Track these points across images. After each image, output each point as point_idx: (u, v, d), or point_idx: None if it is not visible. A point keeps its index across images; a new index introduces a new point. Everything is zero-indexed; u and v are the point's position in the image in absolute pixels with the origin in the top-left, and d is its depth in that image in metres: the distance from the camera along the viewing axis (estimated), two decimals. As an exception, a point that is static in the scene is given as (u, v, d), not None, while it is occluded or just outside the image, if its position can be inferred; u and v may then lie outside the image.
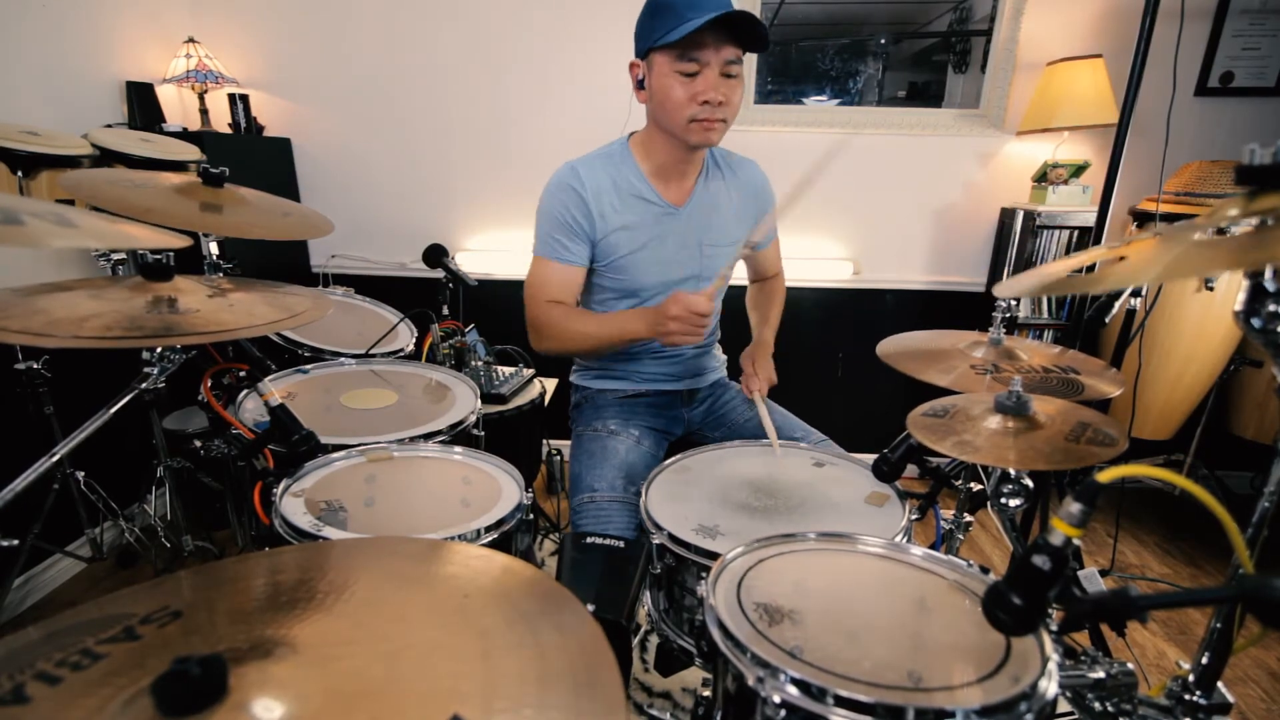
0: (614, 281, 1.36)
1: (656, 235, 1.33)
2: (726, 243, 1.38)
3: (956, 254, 2.60)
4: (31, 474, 0.92)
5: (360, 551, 0.64)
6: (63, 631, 0.49)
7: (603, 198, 1.29)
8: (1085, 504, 0.51)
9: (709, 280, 1.36)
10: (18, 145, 1.49)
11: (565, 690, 0.45)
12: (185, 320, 0.85)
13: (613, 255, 1.33)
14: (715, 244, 1.37)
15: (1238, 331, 2.00)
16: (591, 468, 1.26)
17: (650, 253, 1.33)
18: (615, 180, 1.30)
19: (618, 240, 1.31)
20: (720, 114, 1.19)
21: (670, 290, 1.26)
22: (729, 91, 1.19)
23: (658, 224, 1.33)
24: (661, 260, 1.34)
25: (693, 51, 1.15)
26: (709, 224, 1.36)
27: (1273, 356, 0.58)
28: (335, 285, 2.59)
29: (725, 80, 1.18)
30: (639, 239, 1.32)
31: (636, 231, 1.32)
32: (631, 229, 1.31)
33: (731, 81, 1.19)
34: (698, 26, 1.10)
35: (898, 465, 0.96)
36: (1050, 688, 0.58)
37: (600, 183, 1.29)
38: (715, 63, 1.16)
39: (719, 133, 1.23)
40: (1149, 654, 1.79)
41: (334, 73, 2.49)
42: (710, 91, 1.16)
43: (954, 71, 2.62)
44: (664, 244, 1.34)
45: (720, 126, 1.22)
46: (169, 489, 1.92)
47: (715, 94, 1.17)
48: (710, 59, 1.16)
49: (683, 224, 1.34)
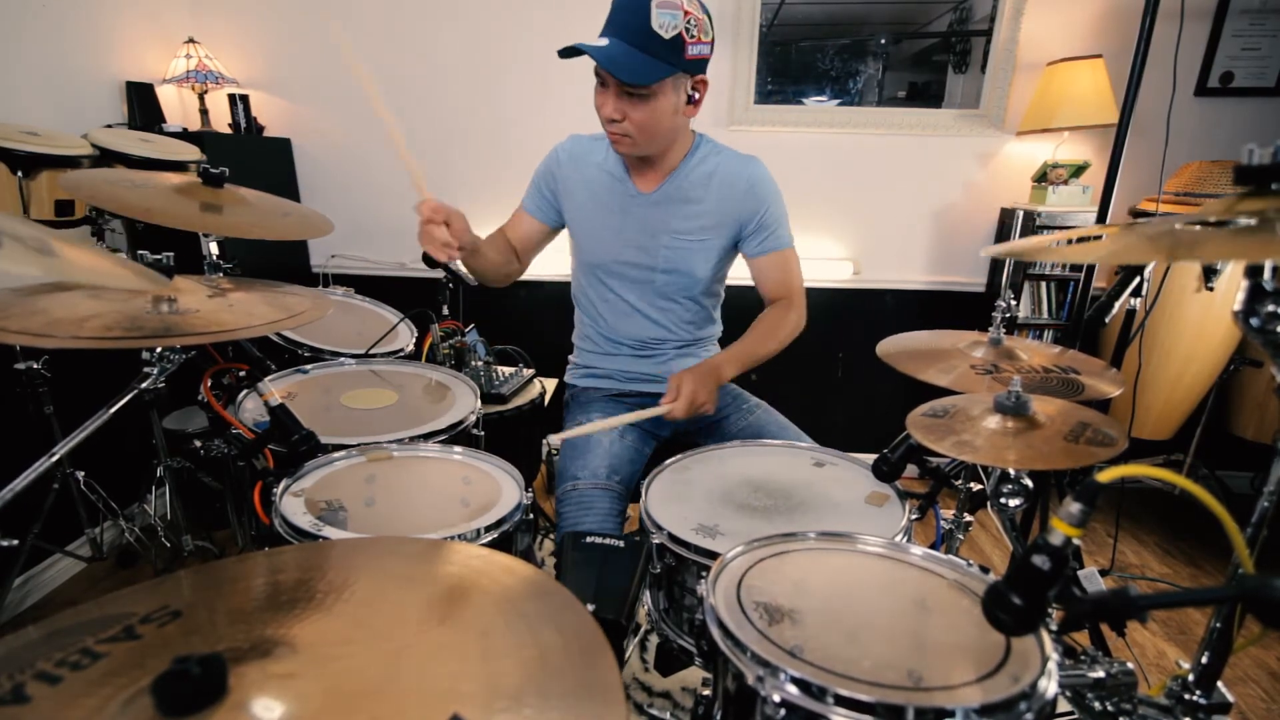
0: (578, 249, 1.46)
1: (619, 214, 1.37)
2: (692, 239, 1.37)
3: (956, 254, 2.60)
4: (31, 474, 0.92)
5: (360, 551, 0.64)
6: (63, 631, 0.49)
7: (578, 167, 1.38)
8: (1085, 504, 0.51)
9: (664, 271, 1.39)
10: (18, 145, 1.49)
11: (565, 690, 0.45)
12: (185, 320, 0.85)
13: (574, 223, 1.43)
14: (682, 234, 1.37)
15: (1238, 331, 2.00)
16: (574, 459, 1.27)
17: (609, 230, 1.38)
18: (598, 157, 1.38)
19: (580, 208, 1.40)
20: (619, 129, 1.22)
21: (626, 269, 1.39)
22: (632, 109, 1.19)
23: (622, 204, 1.37)
24: (621, 240, 1.38)
25: (596, 66, 1.17)
26: (677, 214, 1.36)
27: (1272, 356, 0.58)
28: (335, 285, 2.59)
29: (626, 99, 1.19)
30: (600, 213, 1.38)
31: (599, 205, 1.38)
32: (595, 202, 1.38)
33: (635, 100, 1.18)
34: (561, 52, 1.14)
35: (898, 465, 0.96)
36: (1050, 687, 0.58)
37: (581, 152, 1.39)
38: (611, 82, 1.18)
39: (625, 146, 1.26)
40: (1149, 654, 1.79)
41: (334, 73, 2.49)
42: (605, 108, 1.20)
43: (954, 71, 2.62)
44: (625, 224, 1.37)
45: (625, 141, 1.24)
46: (169, 489, 1.92)
47: (609, 111, 1.20)
48: (606, 78, 1.18)
49: (647, 210, 1.36)
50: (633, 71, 1.14)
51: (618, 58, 1.13)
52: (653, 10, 1.11)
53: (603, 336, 1.47)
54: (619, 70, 1.13)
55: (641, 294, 1.42)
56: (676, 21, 1.13)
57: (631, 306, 1.43)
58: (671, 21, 1.13)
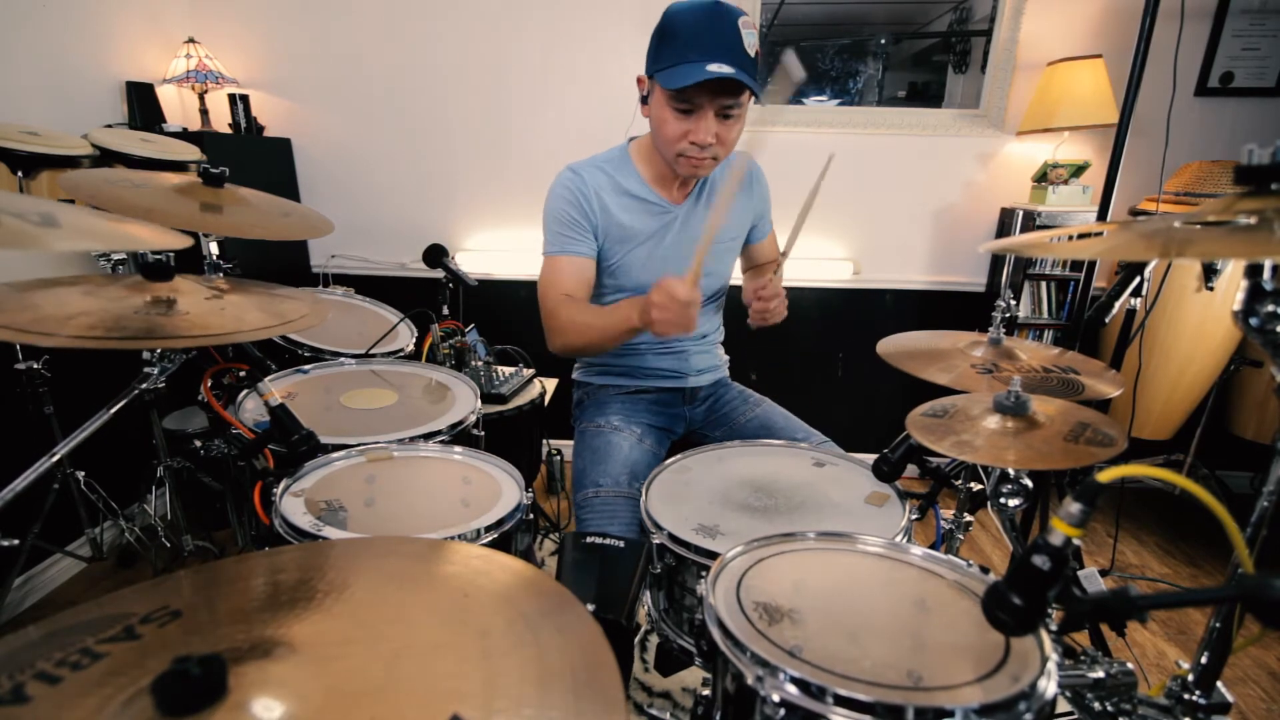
0: (617, 282, 1.37)
1: (654, 234, 1.34)
2: (726, 239, 1.39)
3: (956, 254, 2.60)
4: (31, 474, 0.92)
5: (360, 551, 0.64)
6: (63, 631, 0.49)
7: (603, 196, 1.31)
8: (1085, 504, 0.51)
9: (705, 275, 1.36)
10: (18, 145, 1.49)
11: (565, 690, 0.45)
12: (170, 323, 0.84)
13: (613, 256, 1.34)
14: (715, 241, 1.36)
15: (1238, 332, 2.00)
16: (596, 463, 1.26)
17: (647, 251, 1.35)
18: (614, 182, 1.32)
19: (617, 238, 1.33)
20: (710, 153, 1.21)
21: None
22: (724, 131, 1.19)
23: (655, 222, 1.34)
24: (660, 258, 1.35)
25: (688, 93, 1.14)
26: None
27: (1271, 356, 0.58)
28: (335, 285, 2.59)
29: (722, 121, 1.18)
30: (637, 238, 1.33)
31: (634, 231, 1.33)
32: (629, 229, 1.33)
33: (729, 121, 1.19)
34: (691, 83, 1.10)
35: (898, 465, 0.96)
36: (1050, 687, 0.58)
37: (599, 182, 1.31)
38: (710, 106, 1.16)
39: (707, 169, 1.25)
40: (1149, 654, 1.79)
41: (334, 73, 2.49)
42: (702, 135, 1.17)
43: (954, 72, 2.62)
44: (661, 242, 1.35)
45: (709, 164, 1.23)
46: (169, 489, 1.92)
47: (706, 137, 1.17)
48: (705, 103, 1.16)
49: (680, 222, 1.35)
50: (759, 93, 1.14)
51: (750, 84, 1.12)
52: (742, 32, 1.12)
53: None
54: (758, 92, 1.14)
55: None
56: (755, 40, 1.15)
57: None
58: (752, 40, 1.14)
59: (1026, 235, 0.84)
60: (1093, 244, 0.65)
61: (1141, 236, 0.59)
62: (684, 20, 1.14)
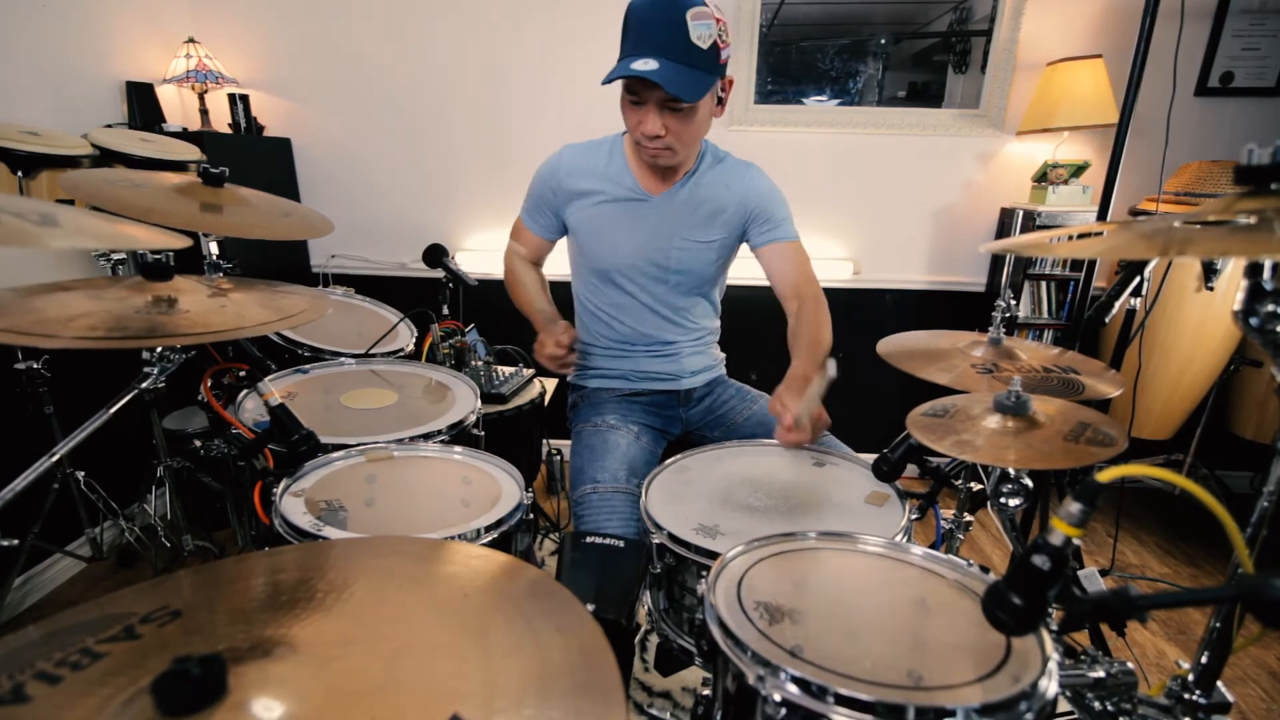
0: (586, 255, 1.43)
1: (628, 219, 1.36)
2: (702, 240, 1.38)
3: (956, 254, 2.60)
4: (31, 474, 0.92)
5: (360, 551, 0.64)
6: (63, 631, 0.49)
7: (579, 177, 1.36)
8: (1085, 504, 0.51)
9: (676, 272, 1.39)
10: (18, 145, 1.49)
11: (565, 690, 0.45)
12: (171, 321, 0.84)
13: (582, 230, 1.40)
14: (689, 238, 1.37)
15: (1238, 331, 2.00)
16: (593, 460, 1.26)
17: (619, 235, 1.37)
18: (600, 164, 1.36)
19: (588, 216, 1.37)
20: (664, 144, 1.20)
21: (638, 274, 1.39)
22: (675, 123, 1.18)
23: (630, 209, 1.36)
24: (631, 245, 1.37)
25: (632, 85, 1.15)
26: (686, 219, 1.36)
27: (1271, 356, 0.58)
28: (335, 285, 2.59)
29: (670, 113, 1.17)
30: (610, 221, 1.37)
31: (609, 213, 1.36)
32: (603, 209, 1.36)
33: (678, 114, 1.18)
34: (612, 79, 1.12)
35: (898, 465, 0.96)
36: (1050, 687, 0.58)
37: (580, 163, 1.36)
38: (653, 99, 1.16)
39: (666, 159, 1.25)
40: (1149, 654, 1.79)
41: (334, 73, 2.49)
42: (648, 127, 1.18)
43: (954, 71, 2.62)
44: (635, 230, 1.36)
45: (666, 154, 1.23)
46: (169, 489, 1.92)
47: (653, 129, 1.17)
48: (647, 97, 1.16)
49: (657, 214, 1.36)
50: (689, 89, 1.12)
51: (673, 78, 1.11)
52: (689, 24, 1.10)
53: (614, 338, 1.47)
54: (681, 90, 1.11)
55: (656, 296, 1.42)
56: (710, 31, 1.13)
57: (646, 308, 1.42)
58: (707, 32, 1.12)
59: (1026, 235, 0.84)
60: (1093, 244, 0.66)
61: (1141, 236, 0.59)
62: (634, 11, 1.15)
